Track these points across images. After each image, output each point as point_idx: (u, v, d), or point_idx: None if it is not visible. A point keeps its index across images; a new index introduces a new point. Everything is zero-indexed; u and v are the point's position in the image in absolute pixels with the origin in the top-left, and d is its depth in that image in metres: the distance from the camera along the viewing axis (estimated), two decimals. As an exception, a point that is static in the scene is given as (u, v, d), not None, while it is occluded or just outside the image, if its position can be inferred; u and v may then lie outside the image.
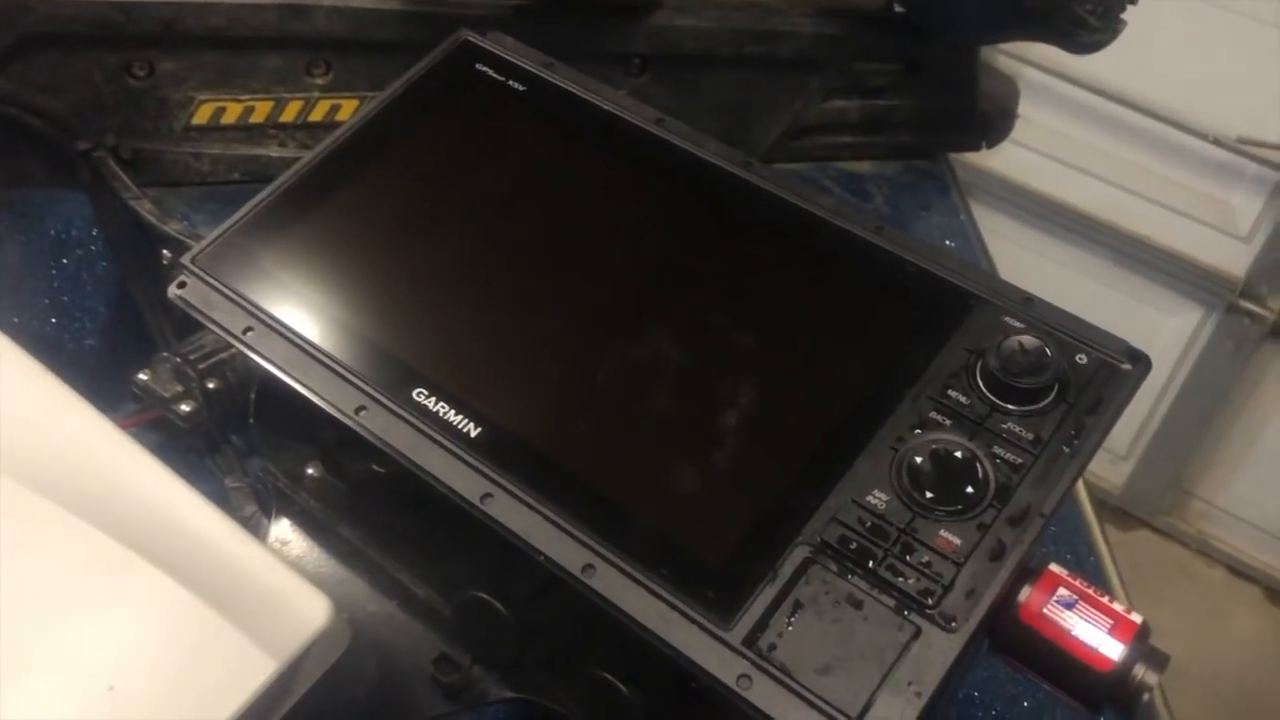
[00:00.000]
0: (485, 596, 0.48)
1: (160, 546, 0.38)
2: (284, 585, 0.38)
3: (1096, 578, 0.73)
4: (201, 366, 0.66)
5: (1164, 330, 1.95)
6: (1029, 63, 1.79)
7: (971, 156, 1.52)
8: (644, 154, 0.52)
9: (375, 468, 0.54)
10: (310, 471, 0.58)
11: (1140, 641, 0.41)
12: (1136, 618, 0.41)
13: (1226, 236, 1.83)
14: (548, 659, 0.49)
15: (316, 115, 0.75)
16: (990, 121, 0.95)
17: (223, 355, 0.66)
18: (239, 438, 0.66)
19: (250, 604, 0.37)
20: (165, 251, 0.73)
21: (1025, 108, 1.83)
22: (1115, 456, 2.14)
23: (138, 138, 0.72)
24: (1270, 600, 2.04)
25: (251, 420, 0.60)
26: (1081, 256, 1.96)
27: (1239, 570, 2.07)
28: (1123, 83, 1.77)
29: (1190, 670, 1.87)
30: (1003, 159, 1.90)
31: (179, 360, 0.65)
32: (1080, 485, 0.82)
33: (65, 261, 0.75)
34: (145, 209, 0.71)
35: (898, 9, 0.85)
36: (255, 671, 0.35)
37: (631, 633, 0.43)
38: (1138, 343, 0.45)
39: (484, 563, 0.49)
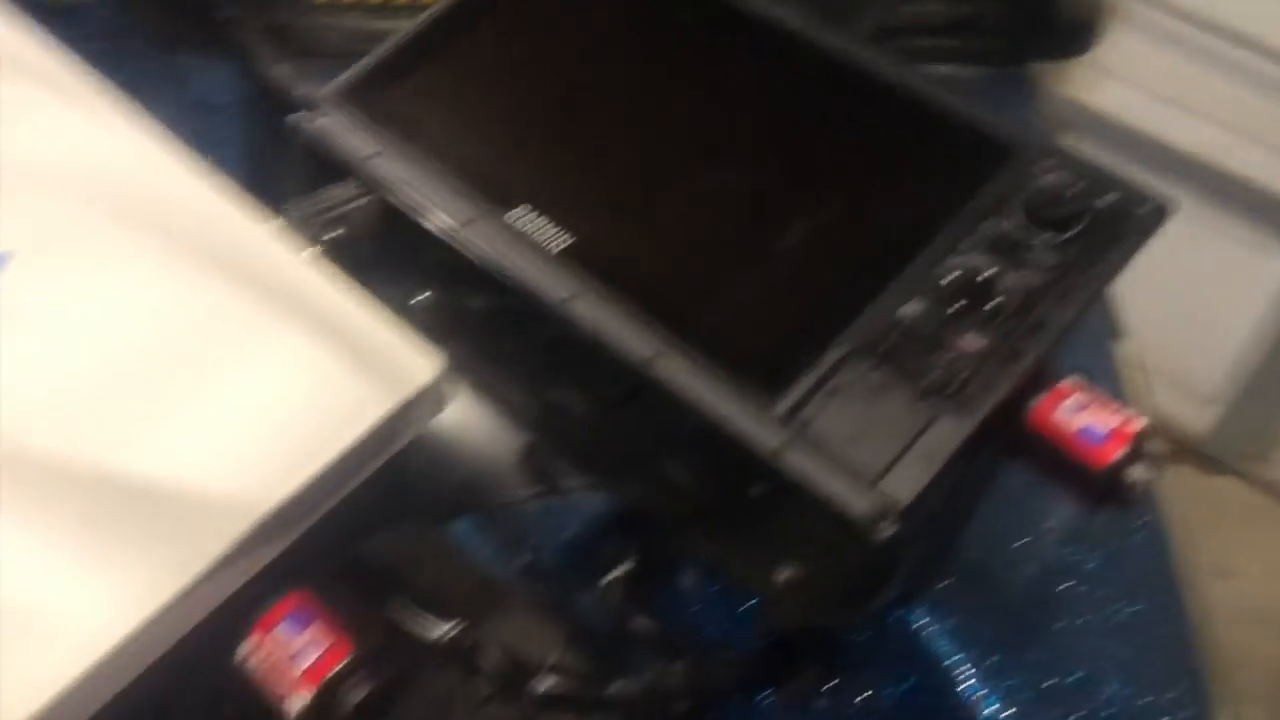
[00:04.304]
0: (569, 398, 0.55)
1: (299, 306, 0.46)
2: (403, 342, 0.45)
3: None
4: (325, 218, 0.74)
5: (1262, 274, 1.93)
6: (1138, -3, 1.78)
7: (1067, 89, 1.52)
8: (728, 19, 0.58)
9: (475, 295, 0.62)
10: (418, 300, 0.65)
11: (1139, 443, 0.46)
12: (1138, 423, 0.46)
13: (1329, 178, 1.80)
14: (620, 455, 0.56)
15: (434, -4, 0.82)
16: (1072, 33, 0.98)
17: (343, 209, 0.74)
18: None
19: (374, 354, 0.44)
20: (294, 115, 0.81)
21: (1124, 39, 1.82)
22: (1202, 400, 2.14)
23: (276, 10, 0.80)
24: (1351, 549, 2.02)
25: (369, 255, 0.68)
26: (1178, 197, 1.94)
27: (1323, 519, 2.06)
28: (1228, 17, 1.75)
29: (1270, 614, 1.88)
30: (1099, 93, 1.90)
31: (304, 213, 0.73)
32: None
33: (206, 122, 0.84)
34: (279, 76, 0.79)
35: (987, -86, 0.89)
36: (376, 406, 0.43)
37: (693, 430, 0.50)
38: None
39: (570, 374, 0.56)
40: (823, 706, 0.64)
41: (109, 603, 0.39)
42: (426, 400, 0.45)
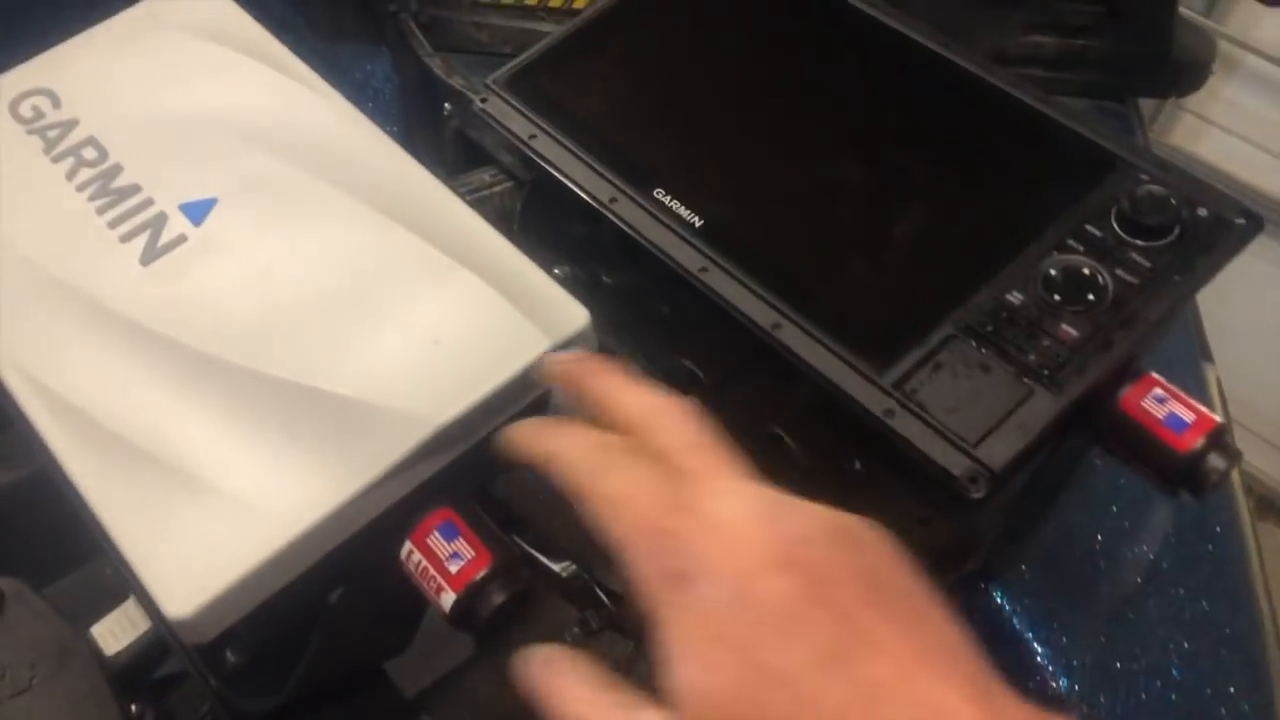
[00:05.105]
0: (690, 365, 0.61)
1: (470, 258, 0.52)
2: (558, 295, 0.51)
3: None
4: (467, 200, 0.81)
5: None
6: (1248, 48, 1.79)
7: (1172, 137, 1.53)
8: (859, 29, 0.64)
9: (604, 270, 0.68)
10: (555, 272, 0.71)
11: (1217, 435, 0.50)
12: (1217, 418, 0.50)
13: None
14: (733, 418, 0.61)
15: (580, 2, 0.89)
16: (1183, 72, 1.01)
17: (485, 192, 0.81)
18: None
19: (533, 303, 0.50)
20: (446, 105, 0.88)
21: (1229, 90, 1.83)
22: (1286, 455, 2.12)
23: (434, 5, 0.88)
24: None
25: (516, 228, 0.75)
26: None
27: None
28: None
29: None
30: (1204, 142, 1.91)
31: (465, 192, 0.80)
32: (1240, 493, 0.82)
33: (365, 106, 0.92)
34: (436, 65, 0.86)
35: (1104, -47, 0.93)
36: (535, 345, 0.49)
37: (803, 402, 0.56)
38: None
39: (690, 345, 0.62)
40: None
41: (302, 493, 0.46)
42: (577, 346, 0.51)
